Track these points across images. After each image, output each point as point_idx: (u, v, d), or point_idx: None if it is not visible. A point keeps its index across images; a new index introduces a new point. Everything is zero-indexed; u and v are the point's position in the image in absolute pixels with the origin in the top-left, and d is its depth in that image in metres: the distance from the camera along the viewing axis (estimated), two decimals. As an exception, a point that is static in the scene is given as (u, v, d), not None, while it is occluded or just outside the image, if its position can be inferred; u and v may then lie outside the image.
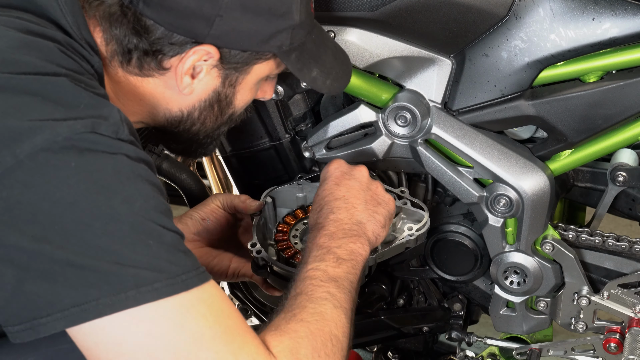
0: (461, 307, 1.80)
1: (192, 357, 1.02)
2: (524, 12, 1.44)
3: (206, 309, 1.04)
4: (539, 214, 1.54)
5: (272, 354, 1.08)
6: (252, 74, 1.29)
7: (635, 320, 1.59)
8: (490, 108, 1.51)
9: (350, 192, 1.43)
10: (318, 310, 1.19)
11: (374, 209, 1.42)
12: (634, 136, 1.49)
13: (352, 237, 1.36)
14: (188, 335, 1.02)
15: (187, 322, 1.02)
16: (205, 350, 1.03)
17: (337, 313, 1.21)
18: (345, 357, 1.20)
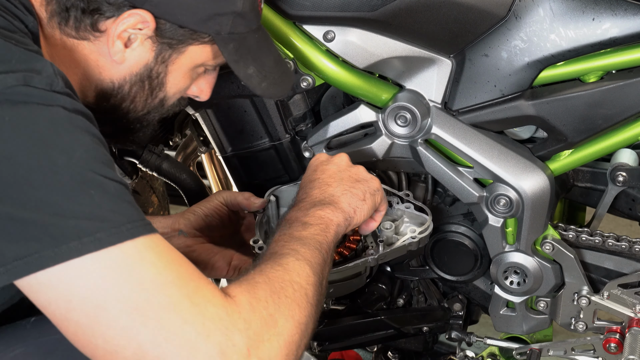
0: (461, 307, 1.80)
1: (144, 304, 1.00)
2: (524, 12, 1.44)
3: (155, 256, 1.02)
4: (539, 214, 1.54)
5: (229, 295, 1.07)
6: (187, 55, 1.27)
7: (635, 320, 1.59)
8: (490, 108, 1.51)
9: (326, 173, 1.42)
10: (279, 262, 1.18)
11: (351, 184, 1.40)
12: (634, 136, 1.49)
13: (322, 205, 1.35)
14: (137, 283, 1.00)
15: (135, 270, 1.00)
16: (158, 295, 1.00)
17: (299, 264, 1.19)
18: (314, 308, 1.18)
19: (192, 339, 1.01)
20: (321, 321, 1.82)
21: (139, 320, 1.00)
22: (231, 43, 1.26)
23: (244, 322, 1.05)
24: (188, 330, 1.01)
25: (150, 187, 2.51)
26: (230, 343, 1.03)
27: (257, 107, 1.66)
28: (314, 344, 1.85)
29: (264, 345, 1.06)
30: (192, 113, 1.72)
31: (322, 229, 1.30)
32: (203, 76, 1.37)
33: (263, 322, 1.07)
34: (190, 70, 1.31)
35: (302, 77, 1.54)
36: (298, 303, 1.15)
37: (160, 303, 1.01)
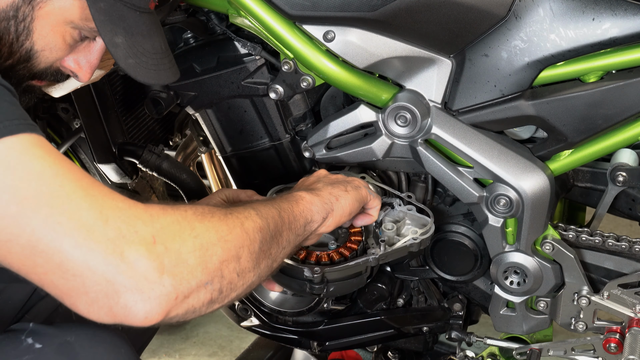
0: (461, 307, 1.80)
1: (35, 193, 0.99)
2: (524, 12, 1.44)
3: (43, 152, 1.02)
4: (539, 214, 1.54)
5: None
6: (56, 3, 1.21)
7: (635, 320, 1.59)
8: (490, 108, 1.51)
9: (308, 180, 1.45)
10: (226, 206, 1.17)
11: (333, 183, 1.42)
12: (634, 136, 1.49)
13: (299, 192, 1.36)
14: (25, 174, 1.00)
15: (21, 162, 1.00)
16: (49, 185, 1.00)
17: (244, 208, 1.17)
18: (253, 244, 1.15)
19: (89, 223, 0.99)
20: (321, 321, 1.82)
21: (30, 208, 0.99)
22: (102, 2, 1.22)
23: (150, 217, 1.04)
24: (84, 215, 1.00)
25: (150, 187, 2.51)
26: (132, 229, 1.01)
27: (257, 107, 1.66)
28: (314, 344, 1.85)
29: (175, 240, 1.04)
30: (192, 113, 1.72)
31: (290, 201, 1.30)
32: (82, 49, 1.30)
33: (176, 222, 1.06)
34: (60, 25, 1.25)
35: (302, 77, 1.54)
36: (227, 225, 1.12)
37: (52, 192, 1.00)
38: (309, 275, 1.41)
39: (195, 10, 1.61)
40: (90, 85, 1.87)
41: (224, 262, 1.09)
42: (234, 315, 1.86)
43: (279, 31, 1.49)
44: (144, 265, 1.00)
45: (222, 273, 1.08)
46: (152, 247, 1.01)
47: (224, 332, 2.80)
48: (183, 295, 1.04)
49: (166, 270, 1.02)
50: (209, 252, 1.07)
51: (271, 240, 1.20)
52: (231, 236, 1.11)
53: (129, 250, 1.00)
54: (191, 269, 1.04)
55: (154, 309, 1.01)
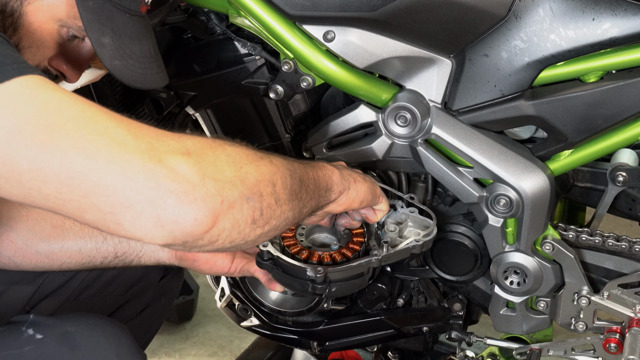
0: (461, 307, 1.80)
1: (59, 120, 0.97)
2: (524, 12, 1.44)
3: (55, 87, 1.00)
4: (539, 214, 1.54)
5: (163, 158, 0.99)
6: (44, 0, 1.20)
7: (635, 320, 1.59)
8: (490, 108, 1.51)
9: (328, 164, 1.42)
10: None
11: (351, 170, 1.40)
12: (634, 136, 1.49)
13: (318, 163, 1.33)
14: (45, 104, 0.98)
15: (39, 95, 0.98)
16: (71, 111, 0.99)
17: (264, 154, 1.15)
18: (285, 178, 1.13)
19: (119, 138, 0.97)
20: (321, 321, 1.82)
21: (57, 132, 0.97)
22: (91, 1, 1.21)
23: (178, 136, 1.02)
24: (112, 132, 0.98)
25: (150, 187, 2.50)
26: (163, 143, 0.99)
27: (257, 107, 1.66)
28: (314, 344, 1.85)
29: (209, 154, 1.02)
30: (192, 113, 1.72)
31: (313, 165, 1.27)
32: (71, 49, 1.29)
33: (205, 142, 1.04)
34: (49, 22, 1.23)
35: (302, 77, 1.54)
36: (257, 155, 1.10)
37: (76, 115, 0.98)
38: (311, 275, 1.41)
39: (195, 10, 1.61)
40: (90, 85, 1.87)
41: (261, 182, 1.06)
42: (234, 315, 1.86)
43: (279, 31, 1.49)
44: (183, 169, 0.98)
45: (261, 192, 1.06)
46: (188, 157, 0.99)
47: (224, 332, 2.80)
48: (228, 202, 1.01)
49: (207, 175, 0.99)
50: (244, 170, 1.05)
51: (300, 184, 1.17)
52: (262, 162, 1.09)
53: (166, 158, 0.98)
54: (230, 179, 1.02)
55: (202, 212, 0.98)
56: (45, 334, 1.16)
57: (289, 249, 1.47)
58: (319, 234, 1.53)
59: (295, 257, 1.45)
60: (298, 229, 1.52)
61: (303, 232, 1.52)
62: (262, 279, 1.56)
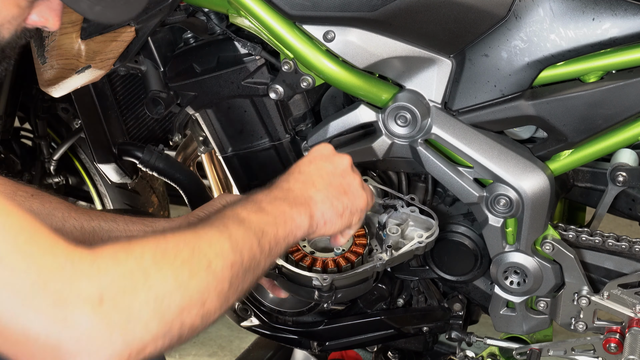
0: (461, 307, 1.80)
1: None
2: (524, 12, 1.44)
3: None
4: (539, 214, 1.54)
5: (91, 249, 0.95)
6: None
7: (635, 320, 1.59)
8: (490, 108, 1.51)
9: (318, 172, 1.33)
10: (195, 228, 1.07)
11: (336, 195, 1.31)
12: (634, 136, 1.49)
13: (292, 203, 1.24)
14: None
15: None
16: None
17: (218, 237, 1.07)
18: (220, 285, 1.05)
19: (26, 289, 0.92)
20: (321, 321, 1.82)
21: None
22: None
23: (97, 272, 0.94)
24: (20, 281, 0.92)
25: (150, 187, 2.51)
26: (75, 290, 0.92)
27: (257, 107, 1.66)
28: (314, 344, 1.85)
29: (125, 295, 0.95)
30: (192, 113, 1.72)
31: (276, 223, 1.20)
32: (40, 2, 1.20)
33: (128, 273, 0.96)
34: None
35: (302, 77, 1.54)
36: (191, 269, 1.01)
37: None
38: (317, 283, 1.41)
39: (195, 10, 1.61)
40: (90, 85, 1.87)
41: (185, 310, 1.00)
42: (234, 315, 1.86)
43: (279, 31, 1.49)
44: (90, 327, 0.93)
45: (182, 320, 1.00)
46: (99, 306, 0.93)
47: (224, 332, 2.80)
48: (137, 350, 0.96)
49: (116, 328, 0.94)
50: (166, 302, 0.98)
51: (244, 275, 1.11)
52: (194, 282, 1.01)
53: (72, 314, 0.92)
54: (145, 323, 0.96)
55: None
56: None
57: (292, 255, 1.46)
58: (320, 238, 1.53)
59: (299, 265, 1.45)
60: None
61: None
62: (266, 286, 1.55)
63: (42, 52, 1.56)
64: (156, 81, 1.67)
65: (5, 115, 2.32)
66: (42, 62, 1.57)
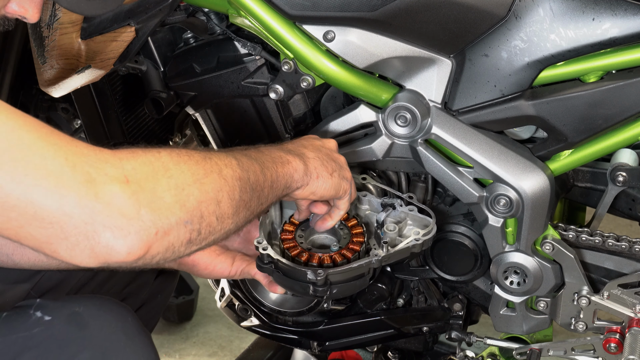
0: (461, 307, 1.80)
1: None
2: (524, 12, 1.44)
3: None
4: (539, 214, 1.54)
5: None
6: None
7: (635, 320, 1.59)
8: (490, 108, 1.51)
9: (308, 142, 1.40)
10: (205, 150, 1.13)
11: (326, 158, 1.37)
12: (634, 136, 1.49)
13: (288, 152, 1.30)
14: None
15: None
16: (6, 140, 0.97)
17: (225, 155, 1.14)
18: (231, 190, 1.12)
19: (56, 170, 0.97)
20: (321, 321, 1.82)
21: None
22: None
23: (119, 160, 1.01)
24: (49, 163, 0.97)
25: (150, 187, 2.50)
26: (101, 172, 0.99)
27: (257, 107, 1.66)
28: (314, 344, 1.85)
29: (148, 180, 1.01)
30: (192, 113, 1.72)
31: (274, 161, 1.26)
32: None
33: (147, 164, 1.03)
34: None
35: (302, 77, 1.54)
36: (205, 169, 1.09)
37: (12, 146, 0.97)
38: (312, 277, 1.41)
39: (195, 10, 1.61)
40: (90, 85, 1.87)
41: (203, 203, 1.06)
42: (234, 315, 1.86)
43: (279, 31, 1.49)
44: (119, 202, 0.99)
45: (202, 213, 1.07)
46: (126, 186, 1.00)
47: (224, 332, 2.80)
48: (163, 230, 1.02)
49: (143, 206, 1.00)
50: (186, 192, 1.05)
51: (252, 192, 1.17)
52: (208, 179, 1.08)
53: (103, 190, 0.98)
54: (169, 206, 1.03)
55: (135, 244, 1.00)
56: (54, 315, 1.16)
57: (288, 251, 1.47)
58: (318, 235, 1.53)
59: (295, 260, 1.45)
60: (297, 231, 1.52)
61: (303, 234, 1.52)
62: (263, 282, 1.56)
63: (42, 52, 1.55)
64: (156, 81, 1.67)
65: (5, 115, 2.31)
66: (42, 62, 1.57)
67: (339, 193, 1.41)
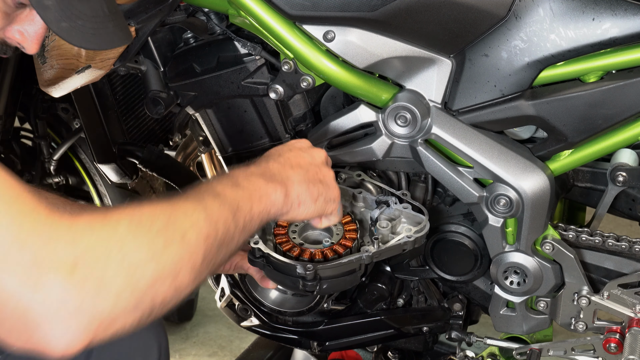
0: (461, 307, 1.80)
1: None
2: (524, 12, 1.44)
3: None
4: (539, 214, 1.54)
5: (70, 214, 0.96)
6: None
7: (635, 320, 1.59)
8: (490, 108, 1.51)
9: (297, 158, 1.35)
10: (172, 200, 1.08)
11: (313, 181, 1.33)
12: (634, 136, 1.49)
13: (270, 179, 1.26)
14: None
15: None
16: None
17: (193, 209, 1.08)
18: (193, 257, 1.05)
19: (3, 248, 0.91)
20: (321, 321, 1.82)
21: None
22: None
23: (72, 238, 0.94)
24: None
25: (150, 187, 2.51)
26: (50, 254, 0.92)
27: (257, 107, 1.66)
28: (314, 344, 1.85)
29: (99, 263, 0.94)
30: (192, 113, 1.73)
31: (251, 198, 1.21)
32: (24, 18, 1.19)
33: (103, 241, 0.96)
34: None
35: (302, 77, 1.54)
36: (165, 238, 1.02)
37: None
38: (301, 272, 1.41)
39: (195, 10, 1.61)
40: (90, 85, 1.87)
41: (157, 281, 1.00)
42: (234, 315, 1.86)
43: (279, 31, 1.49)
44: (61, 294, 0.92)
45: (155, 292, 1.00)
46: (72, 274, 0.93)
47: (224, 332, 2.80)
48: (108, 321, 0.96)
49: (87, 297, 0.94)
50: (139, 273, 0.98)
51: (218, 248, 1.11)
52: (167, 252, 1.02)
53: (46, 278, 0.92)
54: (117, 292, 0.96)
55: (75, 338, 0.94)
56: None
57: (281, 246, 1.47)
58: (312, 231, 1.53)
59: (286, 255, 1.45)
60: (291, 227, 1.52)
61: (296, 229, 1.52)
62: (255, 276, 1.56)
63: (42, 52, 1.56)
64: (156, 81, 1.67)
65: (5, 115, 2.32)
66: (42, 62, 1.57)
67: (323, 215, 1.39)
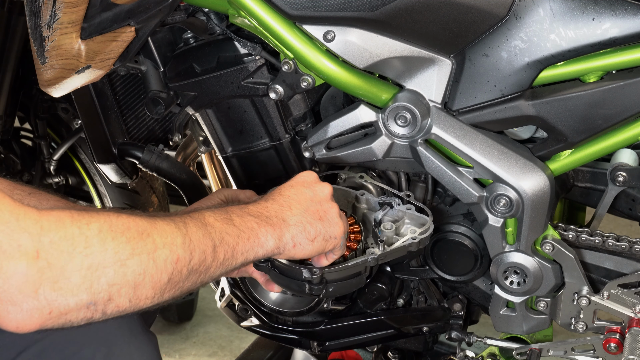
0: (461, 307, 1.80)
1: None
2: (524, 12, 1.44)
3: None
4: (539, 214, 1.54)
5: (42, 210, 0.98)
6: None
7: (635, 320, 1.59)
8: (490, 108, 1.51)
9: (297, 196, 1.35)
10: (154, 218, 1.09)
11: (311, 221, 1.33)
12: (634, 136, 1.49)
13: (264, 222, 1.27)
14: None
15: None
16: None
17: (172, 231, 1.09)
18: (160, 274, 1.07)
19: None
20: (321, 321, 1.82)
21: None
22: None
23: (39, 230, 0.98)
24: None
25: (150, 187, 2.51)
26: (15, 244, 0.97)
27: (257, 107, 1.66)
28: (314, 344, 1.85)
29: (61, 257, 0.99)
30: (192, 113, 1.72)
31: (239, 236, 1.22)
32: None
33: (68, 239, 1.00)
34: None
35: (302, 77, 1.54)
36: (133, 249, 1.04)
37: None
38: (308, 276, 1.41)
39: (195, 10, 1.61)
40: (90, 85, 1.87)
41: (114, 286, 1.03)
42: (234, 315, 1.86)
43: (279, 31, 1.49)
44: (20, 278, 0.97)
45: (110, 296, 1.03)
46: (33, 262, 0.97)
47: (224, 332, 2.80)
48: (59, 311, 1.00)
49: (45, 284, 0.98)
50: (98, 273, 1.01)
51: (188, 274, 1.12)
52: (132, 261, 1.04)
53: (8, 265, 0.97)
54: (73, 287, 1.00)
55: (25, 320, 0.99)
56: None
57: None
58: None
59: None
60: None
61: None
62: (260, 280, 1.56)
63: (42, 52, 1.55)
64: (156, 81, 1.67)
65: (5, 115, 2.32)
66: (42, 62, 1.57)
67: (323, 252, 1.38)
